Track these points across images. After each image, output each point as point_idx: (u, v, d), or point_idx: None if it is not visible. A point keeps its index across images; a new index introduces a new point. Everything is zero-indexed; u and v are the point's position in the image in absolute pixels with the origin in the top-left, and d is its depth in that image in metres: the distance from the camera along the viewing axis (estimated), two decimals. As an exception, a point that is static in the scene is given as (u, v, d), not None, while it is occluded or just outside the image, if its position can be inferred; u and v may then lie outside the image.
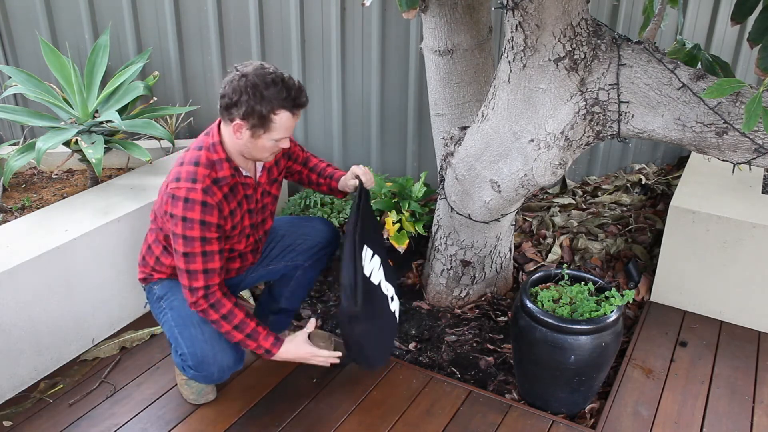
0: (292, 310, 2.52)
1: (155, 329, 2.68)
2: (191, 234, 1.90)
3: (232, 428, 2.21)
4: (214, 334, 2.07)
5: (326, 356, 2.15)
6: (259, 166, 2.09)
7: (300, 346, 2.11)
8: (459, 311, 2.84)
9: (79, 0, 3.29)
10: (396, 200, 2.95)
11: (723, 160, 2.02)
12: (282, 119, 1.83)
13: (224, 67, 3.39)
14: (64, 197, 2.82)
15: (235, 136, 1.88)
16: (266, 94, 1.77)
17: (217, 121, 1.99)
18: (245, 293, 2.86)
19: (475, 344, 2.64)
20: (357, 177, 2.18)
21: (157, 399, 2.33)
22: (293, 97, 1.81)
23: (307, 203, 3.14)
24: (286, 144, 1.93)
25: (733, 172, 2.11)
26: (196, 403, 2.30)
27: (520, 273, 3.05)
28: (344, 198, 2.28)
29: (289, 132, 1.90)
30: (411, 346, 2.64)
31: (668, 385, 2.42)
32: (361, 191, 2.16)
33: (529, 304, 2.19)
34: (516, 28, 2.09)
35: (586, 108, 2.14)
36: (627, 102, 2.08)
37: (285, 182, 3.52)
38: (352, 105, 3.42)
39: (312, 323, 2.21)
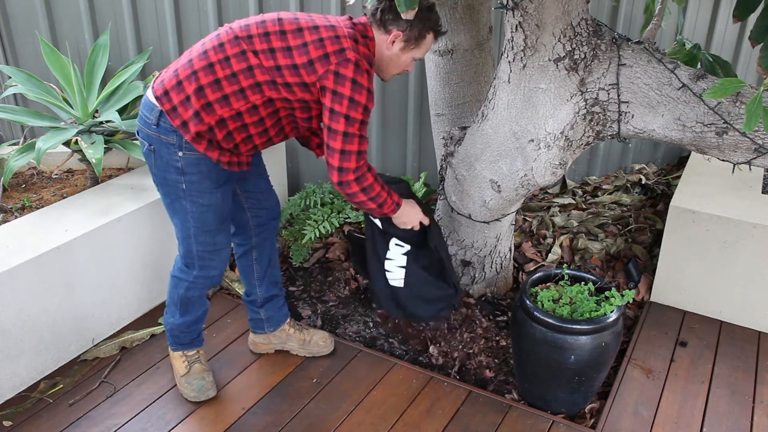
0: (277, 286, 2.49)
1: (155, 329, 2.68)
2: (359, 99, 1.91)
3: (232, 428, 2.21)
4: (221, 245, 2.18)
5: (424, 219, 2.27)
6: None
7: (415, 209, 2.25)
8: (459, 311, 2.84)
9: (79, 0, 3.29)
10: (396, 200, 2.95)
11: (723, 160, 2.02)
12: (428, 40, 2.03)
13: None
14: (64, 197, 2.82)
15: (386, 45, 2.00)
16: (427, 16, 1.98)
17: (346, 27, 1.97)
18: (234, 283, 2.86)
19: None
20: None
21: (157, 399, 2.33)
22: (440, 25, 2.06)
23: (308, 203, 3.14)
24: (411, 67, 2.11)
25: (733, 172, 2.11)
26: (197, 400, 2.30)
27: (520, 273, 3.05)
28: None
29: (424, 54, 2.12)
30: (411, 345, 2.65)
31: (668, 385, 2.42)
32: None
33: (529, 304, 2.19)
34: (516, 28, 2.09)
35: (586, 108, 2.14)
36: (627, 102, 2.08)
37: (285, 183, 3.51)
38: (352, 105, 3.42)
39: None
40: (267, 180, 2.34)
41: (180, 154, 1.99)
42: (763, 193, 2.87)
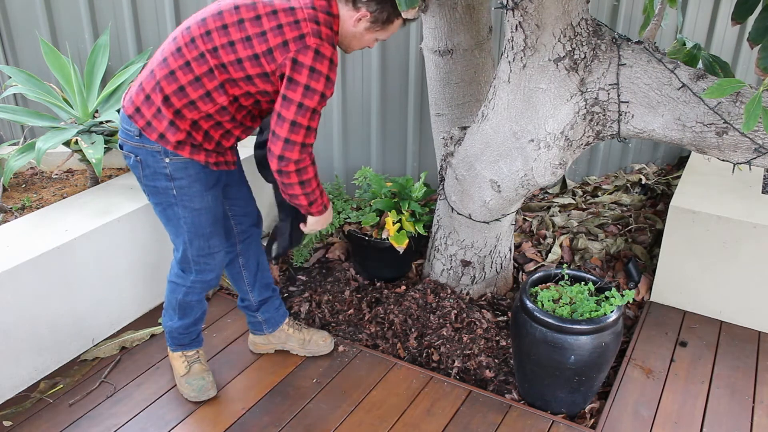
0: (269, 288, 2.49)
1: (155, 329, 2.68)
2: (315, 86, 1.87)
3: (232, 428, 2.21)
4: (216, 248, 2.18)
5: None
6: None
7: (329, 218, 2.23)
8: (459, 311, 2.83)
9: (79, 0, 3.29)
10: (396, 200, 2.95)
11: (723, 160, 2.02)
12: (395, 25, 2.00)
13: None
14: (64, 197, 2.82)
15: (352, 22, 1.95)
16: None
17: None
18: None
19: (475, 344, 2.64)
20: None
21: (157, 399, 2.33)
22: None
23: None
24: (373, 45, 2.08)
25: (733, 172, 2.11)
26: (197, 400, 2.30)
27: (520, 273, 3.05)
28: None
29: (388, 38, 2.07)
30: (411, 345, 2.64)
31: (668, 385, 2.42)
32: None
33: (529, 304, 2.19)
34: (516, 28, 2.09)
35: (586, 108, 2.15)
36: (627, 102, 2.08)
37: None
38: (352, 105, 3.42)
39: None
40: (248, 187, 2.34)
41: (167, 160, 1.98)
42: (763, 193, 2.87)
